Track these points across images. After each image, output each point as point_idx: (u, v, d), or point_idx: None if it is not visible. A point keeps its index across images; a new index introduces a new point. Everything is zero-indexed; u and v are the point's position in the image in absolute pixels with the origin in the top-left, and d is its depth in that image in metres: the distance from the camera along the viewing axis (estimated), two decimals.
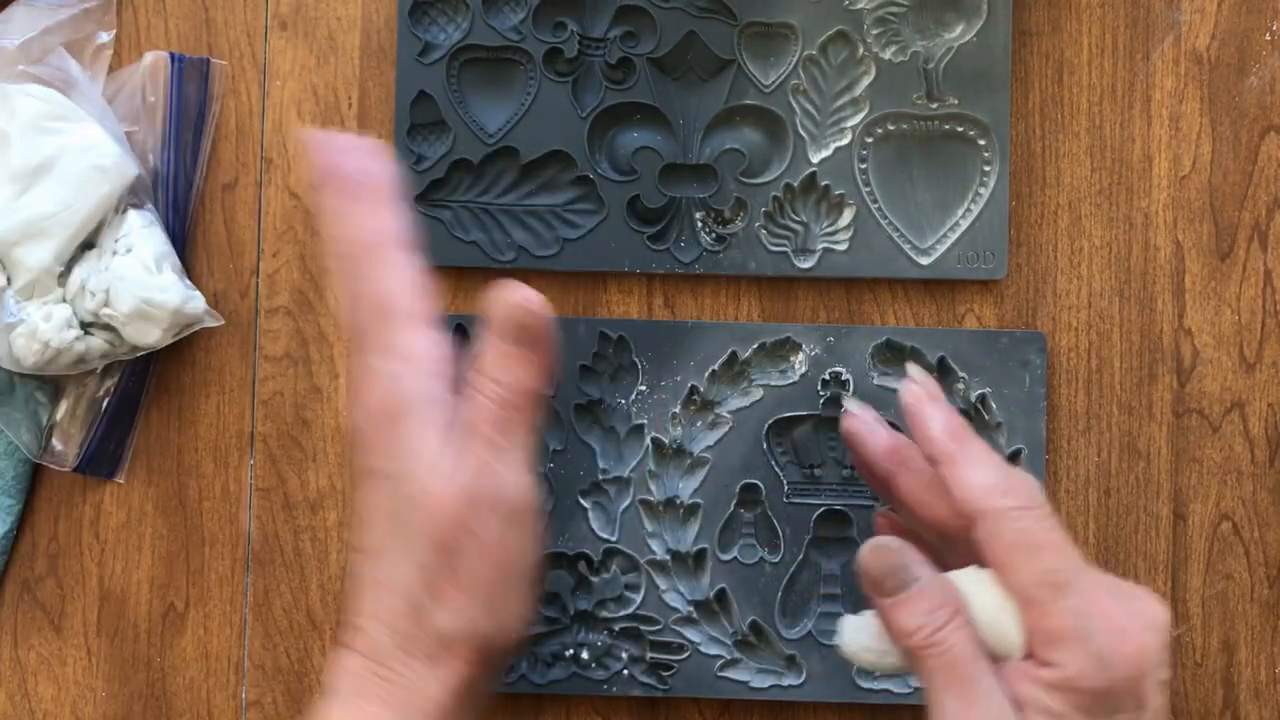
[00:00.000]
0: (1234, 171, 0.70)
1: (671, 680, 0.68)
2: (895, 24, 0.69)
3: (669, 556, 0.68)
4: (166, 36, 0.70)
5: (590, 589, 0.68)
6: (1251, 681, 0.69)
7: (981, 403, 0.68)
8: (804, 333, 0.68)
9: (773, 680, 0.68)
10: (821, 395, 0.68)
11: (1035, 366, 0.68)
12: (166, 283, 0.65)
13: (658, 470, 0.68)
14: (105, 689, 0.70)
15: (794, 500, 0.68)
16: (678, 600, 0.68)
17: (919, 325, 0.69)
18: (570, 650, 0.68)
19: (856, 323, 0.69)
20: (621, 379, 0.69)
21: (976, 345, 0.68)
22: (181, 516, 0.70)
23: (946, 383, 0.68)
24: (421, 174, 0.69)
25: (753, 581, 0.68)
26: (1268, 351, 0.69)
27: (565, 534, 0.68)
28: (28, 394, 0.69)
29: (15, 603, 0.70)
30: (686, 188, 0.69)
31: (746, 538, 0.68)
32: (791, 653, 0.68)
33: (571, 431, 0.69)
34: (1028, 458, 0.68)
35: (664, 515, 0.68)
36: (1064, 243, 0.70)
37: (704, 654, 0.68)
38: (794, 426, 0.69)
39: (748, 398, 0.69)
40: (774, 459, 0.68)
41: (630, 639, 0.68)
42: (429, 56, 0.69)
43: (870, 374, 0.68)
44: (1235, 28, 0.70)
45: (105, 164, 0.65)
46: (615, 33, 0.69)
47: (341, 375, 0.70)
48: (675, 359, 0.68)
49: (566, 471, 0.68)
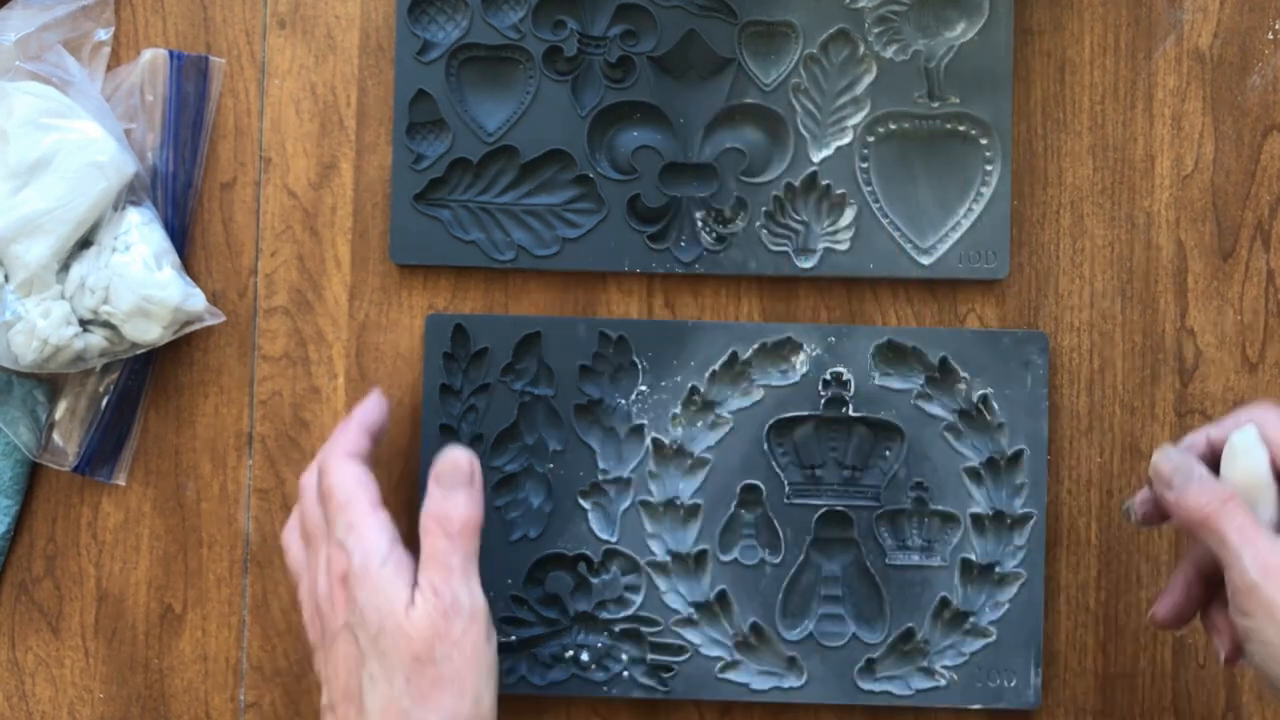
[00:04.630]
0: (1236, 171, 0.69)
1: (671, 682, 0.67)
2: (896, 22, 0.68)
3: (669, 557, 0.68)
4: (165, 34, 0.70)
5: (590, 590, 0.68)
6: (1254, 682, 0.69)
7: (983, 403, 0.68)
8: (805, 333, 0.68)
9: (773, 682, 0.67)
10: (822, 395, 0.68)
11: (1037, 367, 0.68)
12: (166, 280, 0.65)
13: (658, 471, 0.68)
14: (103, 690, 0.69)
15: (795, 501, 0.68)
16: (678, 601, 0.68)
17: (920, 325, 0.69)
18: (570, 652, 0.68)
19: (858, 322, 0.69)
20: (622, 379, 0.68)
21: (978, 345, 0.68)
22: (180, 517, 0.70)
23: (948, 383, 0.68)
24: (421, 173, 0.68)
25: (753, 583, 0.68)
26: (1270, 351, 0.69)
27: (565, 535, 0.68)
28: (26, 392, 0.68)
29: (13, 604, 0.70)
30: (687, 187, 0.69)
31: (747, 539, 0.68)
32: (792, 654, 0.68)
33: (571, 432, 0.68)
34: (1029, 458, 0.67)
35: (664, 516, 0.68)
36: (1066, 242, 0.69)
37: (704, 656, 0.68)
38: (795, 427, 0.68)
39: (748, 398, 0.68)
40: (775, 460, 0.68)
41: (630, 640, 0.68)
42: (428, 55, 0.68)
43: (871, 374, 0.68)
44: (1237, 27, 0.70)
45: (103, 161, 0.65)
46: (615, 31, 0.68)
47: (340, 376, 0.70)
48: (675, 359, 0.68)
49: (566, 472, 0.68)
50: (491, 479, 0.68)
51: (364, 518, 0.58)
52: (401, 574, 0.57)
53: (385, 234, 0.69)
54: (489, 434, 0.68)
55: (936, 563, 0.67)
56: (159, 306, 0.65)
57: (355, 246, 0.70)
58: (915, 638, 0.67)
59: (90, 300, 0.65)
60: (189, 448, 0.70)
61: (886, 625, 0.67)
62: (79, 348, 0.65)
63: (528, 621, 0.68)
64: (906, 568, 0.68)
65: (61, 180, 0.64)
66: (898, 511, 0.68)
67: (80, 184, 0.65)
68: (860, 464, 0.68)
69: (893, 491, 0.68)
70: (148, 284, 0.65)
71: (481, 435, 0.68)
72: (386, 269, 0.69)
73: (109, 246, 0.65)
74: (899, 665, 0.67)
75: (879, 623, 0.68)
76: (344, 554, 0.58)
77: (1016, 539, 0.67)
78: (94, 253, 0.65)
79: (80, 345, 0.65)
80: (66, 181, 0.64)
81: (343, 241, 0.70)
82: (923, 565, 0.68)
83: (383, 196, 0.69)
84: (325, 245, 0.70)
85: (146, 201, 0.68)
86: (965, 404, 0.68)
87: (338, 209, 0.70)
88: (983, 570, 0.67)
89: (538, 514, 0.68)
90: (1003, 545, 0.67)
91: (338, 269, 0.70)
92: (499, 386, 0.68)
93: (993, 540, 0.67)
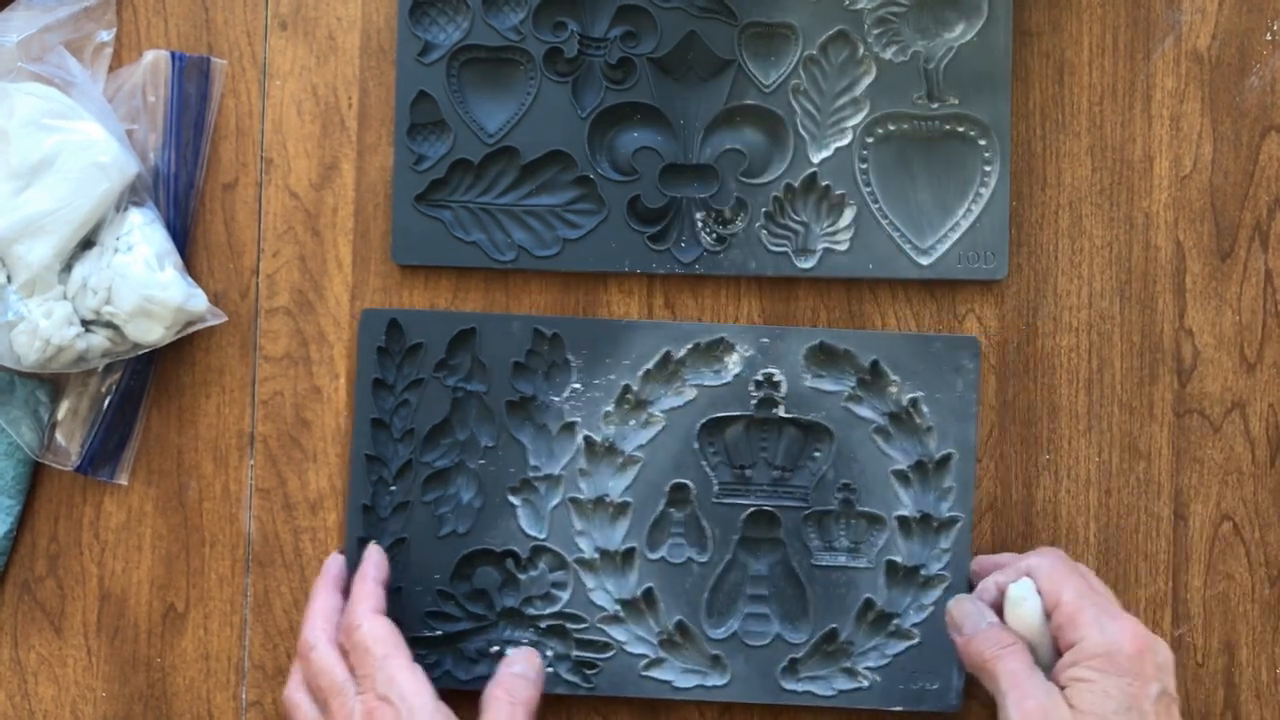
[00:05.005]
0: (1235, 171, 0.70)
1: (596, 679, 0.68)
2: (896, 24, 0.69)
3: (597, 555, 0.68)
4: (167, 36, 0.70)
5: (517, 586, 0.68)
6: (1253, 681, 0.69)
7: (913, 406, 0.68)
8: (738, 333, 0.68)
9: (697, 680, 0.68)
10: (754, 396, 0.68)
11: (968, 371, 0.68)
12: (168, 280, 0.65)
13: (588, 468, 0.68)
14: (105, 689, 0.70)
15: (723, 500, 0.68)
16: (604, 599, 0.68)
17: (920, 325, 0.69)
18: (496, 647, 0.68)
19: (857, 323, 0.69)
20: (555, 376, 0.69)
21: (910, 349, 0.68)
22: (181, 517, 0.70)
23: (879, 386, 0.68)
24: (422, 174, 0.68)
25: (680, 581, 0.68)
26: (1268, 351, 0.69)
27: (493, 531, 0.68)
28: (28, 392, 0.69)
29: (15, 603, 0.70)
30: (687, 188, 0.69)
31: (675, 537, 0.68)
32: (717, 653, 0.68)
33: (503, 428, 0.68)
34: (957, 462, 0.68)
35: (593, 513, 0.68)
36: (1065, 243, 0.70)
37: (629, 653, 0.68)
38: (726, 427, 0.68)
39: (681, 397, 0.68)
40: (705, 459, 0.68)
41: (556, 637, 0.68)
42: (429, 56, 0.69)
43: (803, 376, 0.68)
44: (1236, 28, 0.70)
45: (105, 162, 0.65)
46: (615, 33, 0.69)
47: (341, 376, 0.70)
48: (609, 357, 0.68)
49: (497, 468, 0.68)
50: (422, 474, 0.68)
51: (404, 672, 0.61)
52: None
53: (386, 234, 0.70)
54: (421, 429, 0.68)
55: (862, 564, 0.68)
56: (161, 307, 0.65)
57: (356, 247, 0.70)
58: (839, 638, 0.68)
59: (92, 301, 0.65)
60: (191, 447, 0.70)
61: (811, 625, 0.68)
62: (81, 348, 0.65)
63: (454, 616, 0.68)
64: (832, 568, 0.68)
65: (64, 181, 0.65)
66: (825, 512, 0.68)
67: (82, 185, 0.65)
68: (790, 465, 0.68)
69: (821, 492, 0.68)
70: (150, 284, 0.65)
71: (413, 430, 0.68)
72: (388, 269, 0.70)
73: (111, 247, 0.65)
74: (822, 666, 0.68)
75: (803, 623, 0.68)
76: (390, 707, 0.60)
77: (943, 542, 0.68)
78: (96, 253, 0.66)
79: (82, 345, 0.65)
80: (69, 182, 0.65)
81: (344, 242, 0.70)
82: (848, 566, 0.68)
83: (384, 197, 0.70)
84: (327, 246, 0.70)
85: (148, 202, 0.68)
86: (895, 407, 0.68)
87: (339, 210, 0.70)
88: (908, 573, 0.68)
89: (467, 509, 0.68)
90: (929, 548, 0.68)
91: (339, 269, 0.70)
92: (432, 382, 0.68)
93: (919, 543, 0.68)
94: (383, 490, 0.68)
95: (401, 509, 0.68)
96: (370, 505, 0.68)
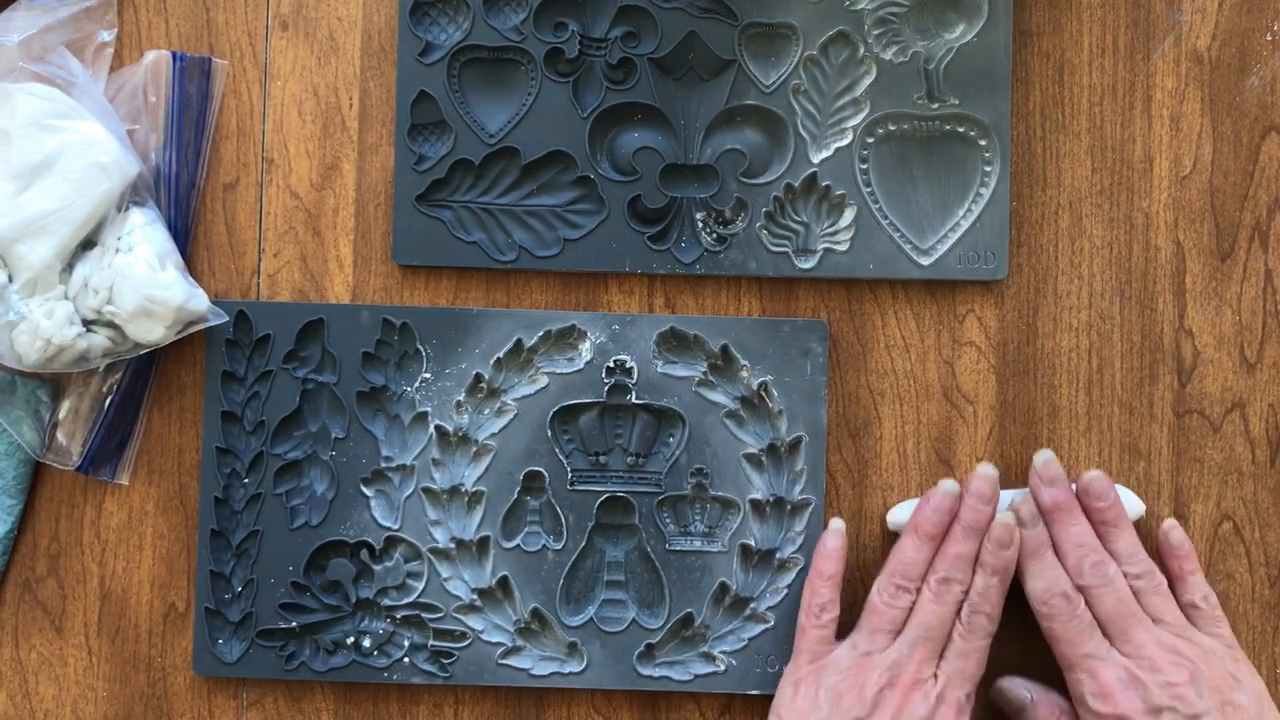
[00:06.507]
0: (1235, 172, 0.70)
1: (452, 668, 0.68)
2: (896, 24, 0.69)
3: (452, 544, 0.68)
4: (168, 36, 0.70)
5: (372, 577, 0.68)
6: None
7: (764, 390, 0.68)
8: (590, 321, 0.68)
9: (554, 667, 0.68)
10: (606, 383, 0.68)
11: (817, 355, 0.68)
12: (169, 280, 0.66)
13: (441, 458, 0.68)
14: (106, 689, 0.70)
15: (578, 488, 0.68)
16: (460, 588, 0.68)
17: (920, 325, 0.69)
18: (351, 638, 0.68)
19: (858, 323, 0.69)
20: (406, 366, 0.69)
21: (759, 334, 0.68)
22: (182, 516, 0.70)
23: (729, 371, 0.68)
24: (422, 174, 0.69)
25: (536, 569, 0.68)
26: (1268, 352, 0.69)
27: (347, 522, 0.68)
28: (30, 392, 0.69)
29: (16, 603, 0.70)
30: (687, 188, 0.69)
31: (531, 525, 0.68)
32: (573, 640, 0.68)
33: (354, 419, 0.68)
34: (808, 445, 0.68)
35: (448, 503, 0.68)
36: (1064, 243, 0.70)
37: (486, 641, 0.68)
38: (579, 414, 0.69)
39: (534, 385, 0.69)
40: (559, 446, 0.68)
41: (412, 627, 0.68)
42: (430, 56, 0.69)
43: (655, 362, 0.68)
44: (1236, 28, 0.70)
45: (106, 162, 0.65)
46: (616, 33, 0.69)
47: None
48: (460, 346, 0.68)
49: (349, 459, 0.68)
50: (274, 466, 0.68)
51: None
52: None
53: (387, 235, 0.70)
54: (271, 421, 0.68)
55: (717, 549, 0.68)
56: (162, 306, 0.65)
57: (357, 247, 0.70)
58: (695, 623, 0.68)
59: (93, 300, 0.65)
60: (191, 447, 0.70)
61: (667, 610, 0.68)
62: (82, 348, 0.65)
63: (309, 608, 0.68)
64: (688, 553, 0.68)
65: (65, 181, 0.65)
66: (679, 497, 0.68)
67: (84, 185, 0.65)
68: (643, 450, 0.68)
69: (674, 478, 0.68)
70: (151, 284, 0.65)
71: (264, 422, 0.68)
72: (389, 269, 0.70)
73: (112, 247, 0.66)
74: (679, 651, 0.68)
75: (659, 608, 0.68)
76: None
77: (796, 525, 0.68)
78: (97, 253, 0.66)
79: (83, 345, 0.65)
80: (70, 182, 0.65)
81: (345, 242, 0.70)
82: (703, 551, 0.68)
83: (385, 197, 0.70)
84: (328, 246, 0.70)
85: (149, 202, 0.68)
86: (746, 391, 0.68)
87: (340, 210, 0.70)
88: (763, 556, 0.68)
89: (320, 501, 0.68)
90: (782, 531, 0.68)
91: (340, 269, 0.70)
92: (281, 374, 0.68)
93: (773, 526, 0.68)
94: (235, 483, 0.68)
95: (254, 501, 0.68)
96: (223, 498, 0.68)
